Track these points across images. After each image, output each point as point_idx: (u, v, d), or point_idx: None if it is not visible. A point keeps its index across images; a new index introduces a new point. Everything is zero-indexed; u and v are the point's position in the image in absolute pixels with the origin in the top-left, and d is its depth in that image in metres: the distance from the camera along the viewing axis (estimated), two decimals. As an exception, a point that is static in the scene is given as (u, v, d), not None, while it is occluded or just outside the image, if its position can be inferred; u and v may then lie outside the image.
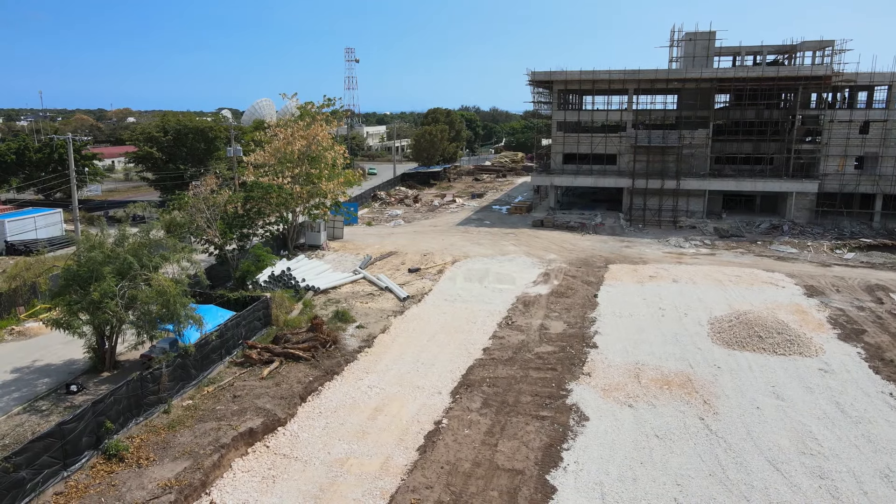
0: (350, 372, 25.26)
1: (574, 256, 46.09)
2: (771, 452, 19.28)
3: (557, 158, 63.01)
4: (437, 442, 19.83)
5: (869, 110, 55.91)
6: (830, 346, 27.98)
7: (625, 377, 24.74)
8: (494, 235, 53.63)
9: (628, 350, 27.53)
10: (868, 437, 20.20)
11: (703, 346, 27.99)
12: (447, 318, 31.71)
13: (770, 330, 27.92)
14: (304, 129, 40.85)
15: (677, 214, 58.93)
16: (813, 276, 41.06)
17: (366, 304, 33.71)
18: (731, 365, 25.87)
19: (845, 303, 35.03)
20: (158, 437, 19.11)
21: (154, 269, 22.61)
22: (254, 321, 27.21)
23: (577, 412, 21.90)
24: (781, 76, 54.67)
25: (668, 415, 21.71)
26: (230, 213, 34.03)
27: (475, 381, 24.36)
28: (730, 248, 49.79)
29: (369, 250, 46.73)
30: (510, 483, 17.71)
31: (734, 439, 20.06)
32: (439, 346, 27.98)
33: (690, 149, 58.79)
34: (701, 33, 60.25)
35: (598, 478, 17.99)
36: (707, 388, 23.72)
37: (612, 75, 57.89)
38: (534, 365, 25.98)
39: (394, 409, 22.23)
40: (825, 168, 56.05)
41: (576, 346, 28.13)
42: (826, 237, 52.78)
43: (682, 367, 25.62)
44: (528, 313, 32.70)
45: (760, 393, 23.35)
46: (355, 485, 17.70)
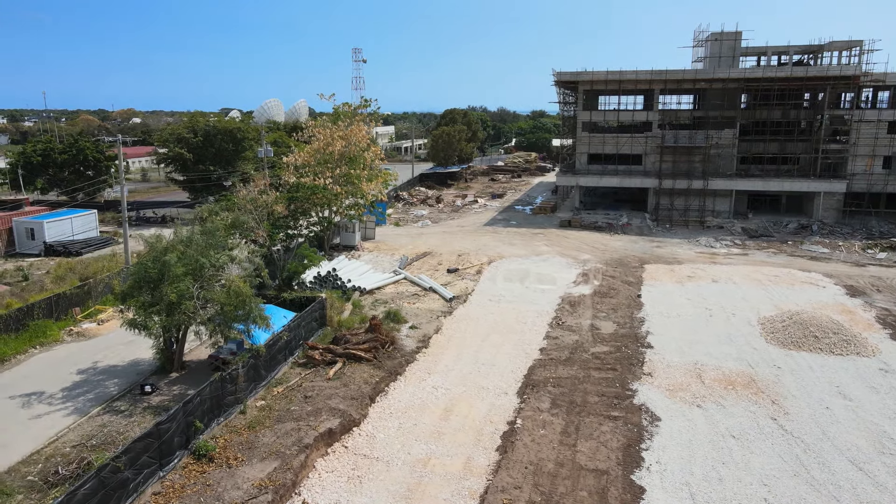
0: (412, 372, 25.34)
1: (608, 257, 46.13)
2: (850, 452, 19.33)
3: (582, 158, 63.04)
4: (515, 442, 19.90)
5: (897, 110, 55.88)
6: (885, 346, 28.01)
7: (687, 377, 24.80)
8: (524, 236, 53.67)
9: (684, 350, 27.59)
10: (945, 437, 20.25)
11: (759, 346, 28.04)
12: (496, 319, 31.78)
13: (826, 330, 27.97)
14: (344, 129, 40.93)
15: (704, 214, 58.92)
16: (850, 276, 41.08)
17: (413, 304, 33.78)
18: (790, 365, 25.91)
19: (889, 303, 35.05)
20: (241, 438, 19.19)
21: (221, 269, 22.69)
22: (311, 322, 27.29)
23: (648, 412, 21.95)
24: (810, 76, 54.71)
25: (738, 415, 21.76)
26: (276, 213, 34.12)
27: (539, 382, 24.42)
28: (761, 248, 49.80)
29: (403, 251, 46.79)
30: (597, 483, 17.77)
31: (811, 439, 20.10)
32: (495, 347, 28.04)
33: (717, 149, 58.81)
34: (727, 33, 60.27)
35: (684, 478, 18.05)
36: (772, 389, 23.76)
37: (639, 76, 57.94)
38: (593, 365, 26.04)
39: (463, 409, 22.30)
40: (853, 168, 56.05)
41: (630, 346, 28.19)
42: (856, 237, 52.77)
43: (743, 368, 25.67)
44: (575, 313, 32.76)
45: (826, 393, 23.40)
46: (442, 485, 17.77)
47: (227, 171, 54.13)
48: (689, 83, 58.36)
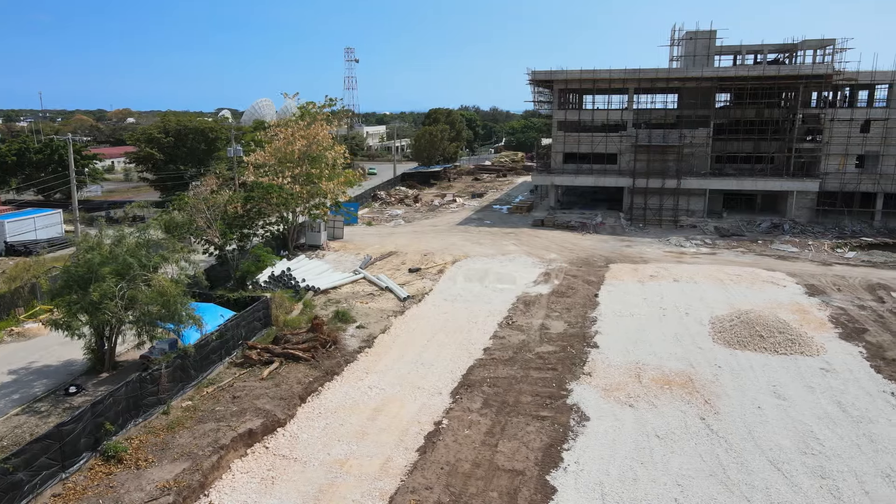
0: (350, 372, 25.20)
1: (575, 256, 46.01)
2: (772, 452, 19.19)
3: (558, 158, 62.92)
4: (436, 442, 19.77)
5: (870, 109, 55.82)
6: (832, 346, 27.88)
7: (626, 377, 24.66)
8: (495, 235, 53.54)
9: (629, 350, 27.45)
10: (870, 436, 20.12)
11: (705, 345, 27.91)
12: (447, 318, 31.64)
13: (771, 329, 27.83)
14: (305, 129, 40.80)
15: (678, 213, 58.82)
16: (814, 275, 40.95)
17: (366, 304, 33.64)
18: (732, 364, 25.78)
19: (846, 302, 34.92)
20: (157, 439, 19.04)
21: (153, 269, 22.55)
22: (254, 321, 27.14)
23: (578, 412, 21.82)
24: (783, 75, 54.58)
25: (669, 414, 21.63)
26: (230, 213, 33.97)
27: (475, 381, 24.29)
28: (731, 248, 49.68)
29: (369, 250, 46.65)
30: (510, 483, 17.63)
31: (735, 439, 19.97)
32: (440, 347, 27.91)
33: (691, 148, 58.69)
34: (701, 32, 60.15)
35: (599, 478, 17.91)
36: (708, 388, 23.63)
37: (613, 74, 57.79)
38: (534, 365, 25.90)
39: (394, 409, 22.16)
40: (826, 167, 55.93)
41: (576, 345, 28.05)
42: (827, 236, 52.67)
43: (683, 367, 25.54)
44: (528, 313, 32.62)
45: (762, 392, 23.27)
46: (354, 486, 17.63)
47: (199, 170, 53.97)
48: (662, 82, 58.22)
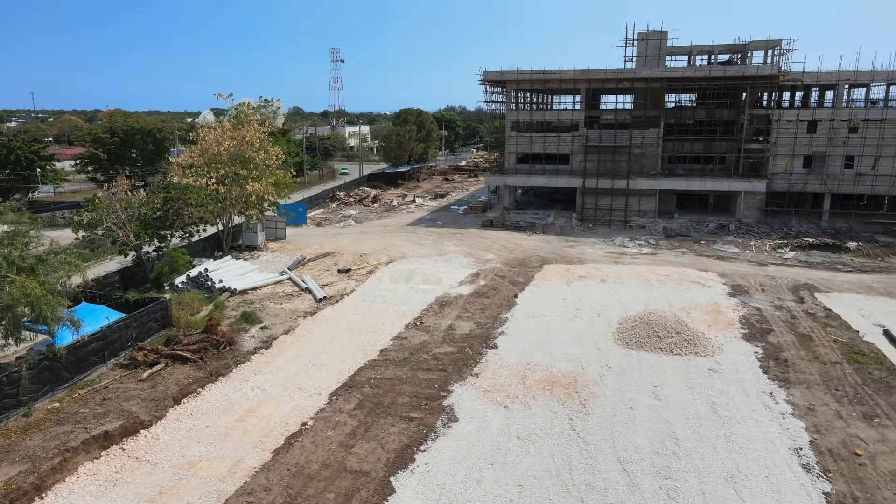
0: (238, 373, 25.16)
1: (513, 256, 46.02)
2: (626, 453, 19.21)
3: (511, 158, 62.93)
4: (293, 444, 19.75)
5: (815, 109, 55.93)
6: (731, 346, 27.92)
7: (512, 378, 24.67)
8: (441, 236, 53.53)
9: (527, 351, 27.45)
10: (729, 436, 20.15)
11: (603, 346, 27.93)
12: (358, 319, 31.61)
13: (669, 330, 27.87)
14: (233, 129, 40.75)
15: (629, 214, 58.88)
16: (745, 275, 41.03)
17: (280, 304, 33.60)
18: (622, 365, 25.81)
19: (765, 302, 34.98)
20: (6, 441, 19.00)
21: (30, 269, 22.46)
22: (149, 323, 27.09)
23: (449, 413, 21.81)
24: (729, 76, 54.67)
25: (539, 415, 21.64)
26: (148, 214, 33.91)
27: (359, 383, 24.28)
28: (673, 248, 49.72)
29: (308, 251, 46.62)
30: (351, 485, 17.62)
31: (594, 440, 19.99)
32: (339, 348, 27.88)
33: (641, 148, 58.75)
34: (653, 33, 60.21)
35: (443, 479, 17.90)
36: (589, 389, 23.65)
37: (563, 75, 57.82)
38: (426, 366, 25.89)
39: (267, 410, 22.14)
40: (774, 167, 56.02)
41: (476, 346, 28.04)
42: (772, 236, 52.74)
43: (573, 368, 25.55)
44: (441, 314, 32.61)
45: (640, 393, 23.29)
46: (196, 487, 17.61)
47: (147, 170, 53.90)
48: (612, 82, 58.25)
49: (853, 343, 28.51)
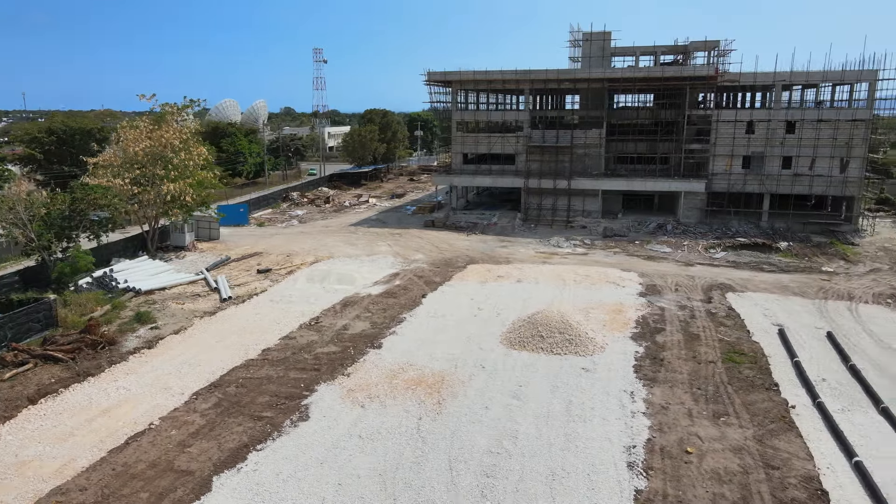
0: (110, 373, 25.16)
1: (441, 257, 46.10)
2: (459, 452, 19.27)
3: (458, 158, 63.04)
4: (131, 444, 19.78)
5: (753, 110, 56.21)
6: (615, 346, 28.03)
7: (381, 378, 24.71)
8: (379, 236, 53.59)
9: (410, 351, 27.50)
10: (570, 435, 20.24)
11: (487, 346, 28.01)
12: (255, 319, 31.64)
13: (552, 329, 27.97)
14: (152, 130, 40.76)
15: (573, 214, 59.06)
16: (665, 275, 41.19)
17: (182, 305, 33.62)
18: (497, 365, 25.89)
19: (672, 302, 35.12)
20: None
21: None
22: (28, 323, 27.08)
23: (303, 412, 21.86)
24: (667, 76, 54.89)
25: (392, 415, 21.70)
26: (52, 213, 33.87)
27: (227, 382, 24.31)
28: (607, 248, 49.85)
29: (237, 251, 46.66)
30: (170, 484, 17.65)
31: (434, 439, 20.05)
32: (224, 348, 27.90)
33: (584, 149, 58.91)
34: (596, 33, 60.42)
35: (265, 478, 17.95)
36: (453, 389, 23.72)
37: (505, 75, 57.94)
38: (302, 365, 25.93)
39: (123, 411, 22.14)
40: (713, 168, 56.24)
41: (361, 346, 28.09)
42: (708, 236, 52.93)
43: (446, 368, 25.61)
44: (341, 314, 32.66)
45: (502, 393, 23.37)
46: (16, 487, 17.61)
47: (84, 170, 53.74)
48: (554, 83, 58.39)
49: (738, 343, 28.68)
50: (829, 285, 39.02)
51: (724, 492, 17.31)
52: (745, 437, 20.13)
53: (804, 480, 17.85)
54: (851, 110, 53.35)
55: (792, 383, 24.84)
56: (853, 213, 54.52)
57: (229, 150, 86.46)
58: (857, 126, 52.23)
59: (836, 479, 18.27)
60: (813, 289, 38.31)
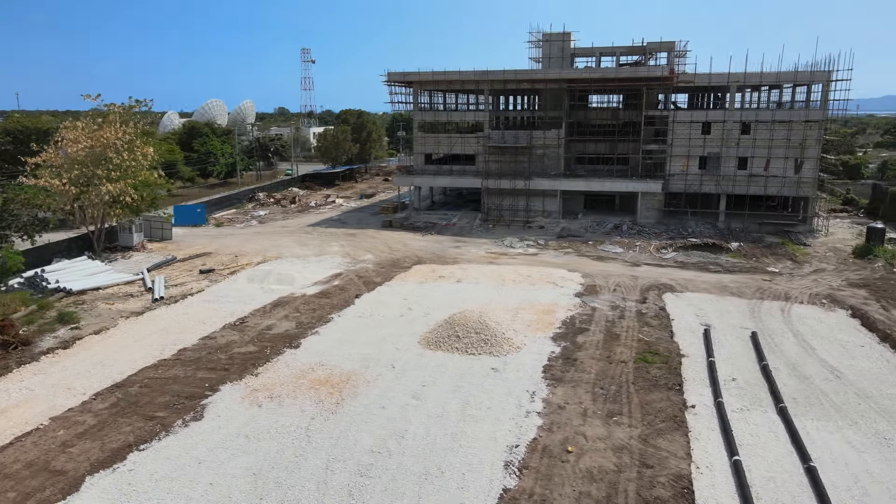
0: (18, 374, 25.11)
1: (390, 257, 46.14)
2: (341, 451, 19.28)
3: (419, 159, 63.09)
4: (15, 444, 19.76)
5: (708, 111, 56.41)
6: (533, 346, 28.07)
7: (289, 377, 24.73)
8: (334, 236, 53.62)
9: (326, 351, 27.51)
10: (457, 435, 20.27)
11: (404, 346, 28.04)
12: (182, 319, 31.62)
13: (469, 330, 28.01)
14: (93, 130, 40.75)
15: (532, 214, 59.15)
16: (609, 275, 41.28)
17: (111, 305, 33.60)
18: (409, 365, 25.93)
19: (606, 302, 35.18)
20: None
21: None
22: (-59, 323, 27.05)
23: (198, 412, 21.86)
24: (622, 77, 55.04)
25: (287, 414, 21.71)
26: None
27: (132, 382, 24.30)
28: (560, 248, 49.93)
29: (186, 251, 46.64)
30: (40, 484, 17.63)
31: (321, 438, 20.08)
32: (141, 348, 27.87)
33: (543, 149, 59.02)
34: (556, 34, 60.55)
35: (138, 478, 17.92)
36: (356, 388, 23.74)
37: (464, 76, 58.05)
38: (213, 365, 25.92)
39: (19, 411, 22.08)
40: (671, 168, 56.40)
41: (279, 346, 28.10)
42: (662, 237, 53.07)
43: (357, 368, 25.63)
44: (270, 314, 32.68)
45: (403, 393, 23.39)
46: None
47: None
48: (513, 83, 58.49)
49: (656, 343, 28.76)
50: (769, 286, 39.17)
51: (591, 490, 17.38)
52: (630, 437, 20.21)
53: (674, 479, 17.93)
54: (805, 111, 53.56)
55: (701, 383, 24.95)
56: (808, 214, 54.71)
57: (200, 150, 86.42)
58: (811, 127, 52.43)
59: (711, 479, 18.37)
60: (752, 289, 38.44)
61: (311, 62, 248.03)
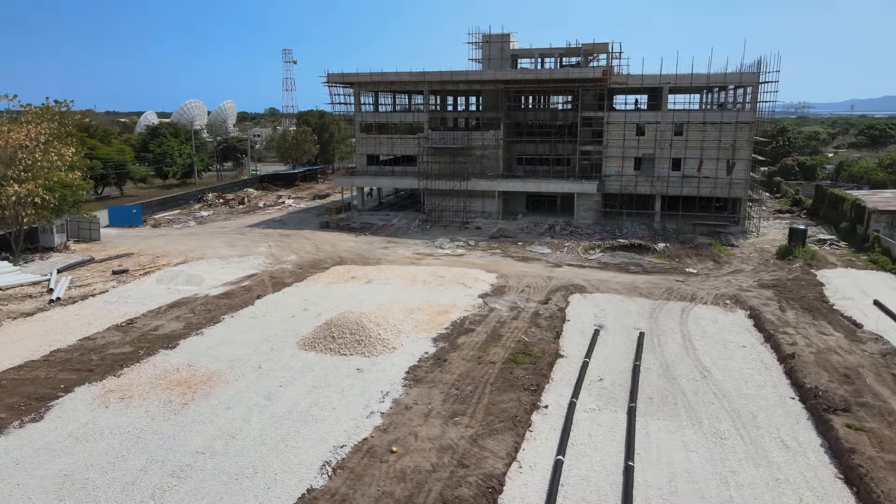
0: None
1: (314, 258, 46.16)
2: (165, 452, 19.22)
3: (362, 160, 63.14)
4: None
5: (641, 112, 56.63)
6: (410, 347, 28.10)
7: (150, 378, 24.69)
8: (267, 237, 53.61)
9: (200, 351, 27.49)
10: (290, 435, 20.22)
11: (281, 346, 28.06)
12: (70, 321, 31.51)
13: (344, 331, 28.05)
14: (2, 132, 40.72)
15: (473, 215, 59.27)
16: (525, 276, 41.42)
17: (5, 305, 33.50)
18: (276, 366, 25.92)
19: (508, 303, 35.24)
20: None
21: None
22: None
23: (40, 414, 21.77)
24: (556, 78, 55.22)
25: (130, 416, 21.66)
26: None
27: (-11, 383, 24.25)
28: (489, 249, 50.03)
29: (111, 252, 46.57)
30: None
31: (151, 439, 20.04)
32: (15, 348, 27.72)
33: (482, 150, 59.14)
34: (495, 35, 60.67)
35: (-53, 479, 17.93)
36: (213, 389, 23.73)
37: (402, 77, 58.14)
38: (79, 366, 25.82)
39: None
40: (606, 169, 56.61)
41: (157, 347, 28.04)
42: (595, 237, 53.25)
43: (223, 368, 25.62)
44: (163, 315, 32.63)
45: (258, 393, 23.35)
46: None
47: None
48: (451, 84, 58.60)
49: (537, 343, 28.80)
50: (680, 286, 39.37)
51: (396, 490, 17.42)
52: (461, 437, 20.26)
53: (484, 479, 17.98)
54: (734, 113, 53.84)
55: (566, 383, 25.05)
56: (740, 215, 54.99)
57: (156, 150, 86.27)
58: (742, 128, 52.71)
59: (529, 478, 18.46)
60: (661, 290, 38.63)
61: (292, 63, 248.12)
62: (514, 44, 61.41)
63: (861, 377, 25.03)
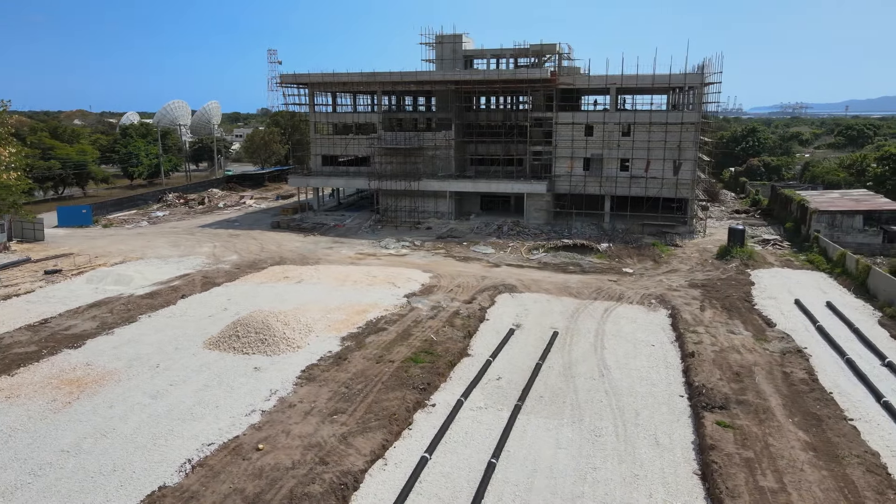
0: None
1: (255, 258, 46.19)
2: (30, 450, 19.26)
3: (317, 160, 63.21)
4: None
5: (589, 112, 56.84)
6: (315, 346, 28.20)
7: (44, 377, 24.71)
8: (215, 237, 53.61)
9: (105, 351, 27.53)
10: (163, 434, 20.32)
11: (186, 346, 28.12)
12: (-13, 320, 31.57)
13: (249, 330, 28.14)
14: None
15: (426, 215, 59.40)
16: (460, 276, 41.57)
17: (-77, 306, 33.51)
18: (175, 364, 25.99)
19: (431, 303, 35.30)
20: None
21: None
22: None
23: (-79, 413, 21.87)
24: (505, 79, 55.40)
25: (8, 415, 21.64)
26: None
27: None
28: (433, 249, 50.13)
29: (51, 252, 46.49)
30: None
31: (19, 437, 20.06)
32: (-78, 348, 27.83)
33: (434, 150, 59.29)
34: (448, 36, 60.83)
35: None
36: (101, 388, 23.76)
37: (353, 77, 58.24)
38: (-22, 366, 25.91)
39: None
40: (556, 169, 56.83)
41: (61, 346, 28.01)
42: (541, 237, 53.46)
43: (119, 367, 25.65)
44: (80, 315, 32.61)
45: (145, 393, 23.39)
46: None
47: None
48: (402, 85, 58.74)
49: (444, 343, 28.90)
50: (611, 286, 39.58)
51: (248, 487, 17.52)
52: (332, 435, 20.38)
53: (339, 476, 18.11)
54: (679, 113, 54.15)
55: (463, 382, 25.26)
56: (688, 215, 55.32)
57: (121, 151, 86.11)
58: (688, 129, 53.01)
59: (391, 475, 18.62)
60: (591, 289, 38.85)
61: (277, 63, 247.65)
62: (468, 44, 61.58)
63: (752, 375, 25.31)
